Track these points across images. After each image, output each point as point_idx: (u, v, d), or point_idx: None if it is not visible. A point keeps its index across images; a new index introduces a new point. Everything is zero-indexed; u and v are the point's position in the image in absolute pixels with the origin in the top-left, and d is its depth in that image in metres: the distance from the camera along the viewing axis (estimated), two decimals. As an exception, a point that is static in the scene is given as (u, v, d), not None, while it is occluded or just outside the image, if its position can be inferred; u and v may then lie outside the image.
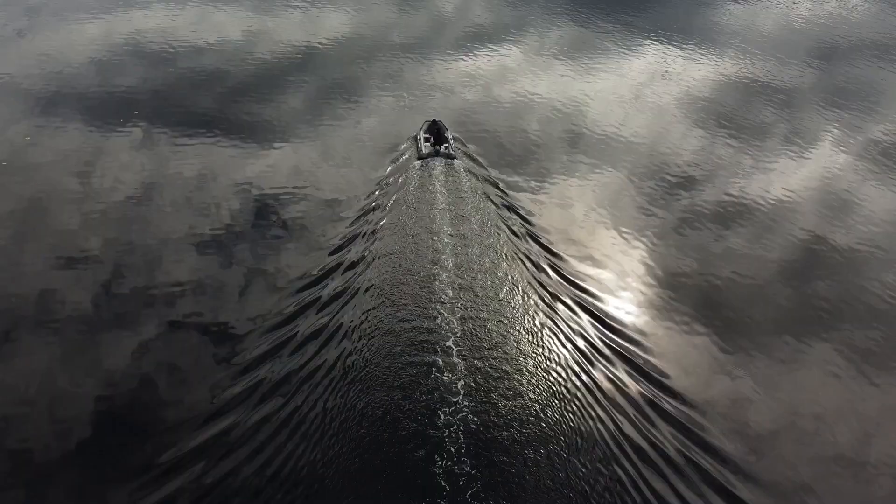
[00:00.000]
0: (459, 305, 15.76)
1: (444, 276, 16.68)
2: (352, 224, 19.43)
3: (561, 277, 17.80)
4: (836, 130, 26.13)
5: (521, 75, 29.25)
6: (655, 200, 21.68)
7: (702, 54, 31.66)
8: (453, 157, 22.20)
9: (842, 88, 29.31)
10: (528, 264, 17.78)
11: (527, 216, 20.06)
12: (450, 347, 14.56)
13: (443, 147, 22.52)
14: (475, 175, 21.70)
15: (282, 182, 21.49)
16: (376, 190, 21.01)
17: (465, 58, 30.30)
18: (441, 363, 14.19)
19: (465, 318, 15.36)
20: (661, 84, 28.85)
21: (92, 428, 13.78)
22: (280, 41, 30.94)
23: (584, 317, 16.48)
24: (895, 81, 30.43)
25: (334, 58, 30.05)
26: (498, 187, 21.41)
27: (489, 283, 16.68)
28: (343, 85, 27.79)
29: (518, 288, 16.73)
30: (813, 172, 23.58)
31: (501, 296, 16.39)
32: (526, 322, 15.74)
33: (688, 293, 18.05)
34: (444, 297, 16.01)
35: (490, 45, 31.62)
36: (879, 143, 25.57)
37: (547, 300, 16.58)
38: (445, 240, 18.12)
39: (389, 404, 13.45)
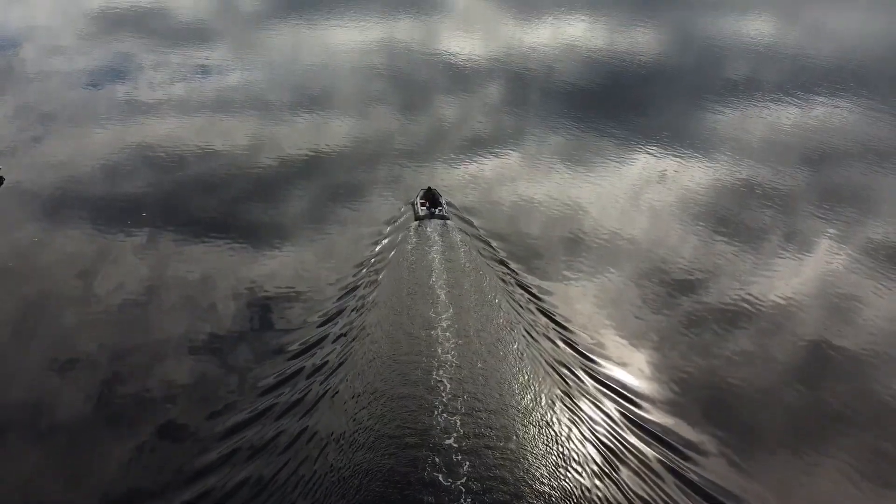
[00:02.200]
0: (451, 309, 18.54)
1: (441, 297, 19.53)
2: (354, 278, 21.25)
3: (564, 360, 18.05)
4: (832, 232, 26.35)
5: (521, 178, 29.83)
6: (657, 302, 21.64)
7: (697, 158, 32.38)
8: (447, 219, 24.93)
9: (834, 191, 29.78)
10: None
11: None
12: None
13: (437, 210, 25.25)
14: (465, 233, 24.32)
15: (283, 280, 21.62)
16: (378, 249, 23.32)
17: (466, 162, 30.97)
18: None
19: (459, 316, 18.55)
20: (657, 187, 29.36)
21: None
22: (284, 147, 31.78)
23: (586, 414, 16.28)
24: (884, 183, 30.94)
25: (336, 162, 30.76)
26: (492, 248, 23.63)
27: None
28: (344, 187, 28.37)
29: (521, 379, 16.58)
30: (812, 274, 23.62)
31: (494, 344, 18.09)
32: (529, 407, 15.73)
33: (695, 396, 17.74)
34: (439, 301, 19.34)
35: (490, 150, 32.39)
36: (876, 244, 25.71)
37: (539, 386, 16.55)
38: (439, 279, 20.89)
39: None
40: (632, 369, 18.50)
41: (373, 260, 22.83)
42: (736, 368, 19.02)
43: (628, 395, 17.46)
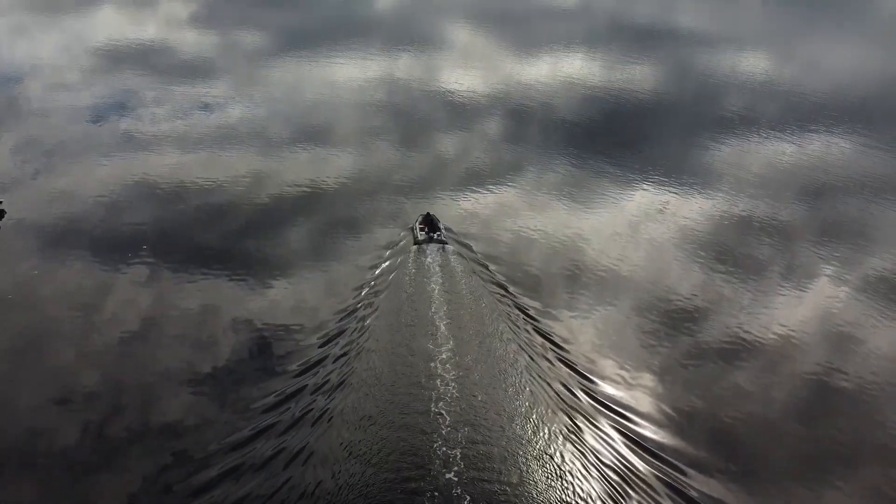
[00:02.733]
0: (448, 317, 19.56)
1: (439, 317, 20.13)
2: (355, 300, 21.82)
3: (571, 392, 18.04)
4: (831, 266, 26.41)
5: (520, 209, 29.97)
6: (657, 334, 21.62)
7: (695, 192, 32.58)
8: (445, 243, 25.66)
9: (832, 225, 29.92)
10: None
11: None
12: None
13: (436, 235, 25.97)
14: (462, 256, 24.96)
15: (282, 312, 21.60)
16: (378, 272, 23.89)
17: (465, 195, 31.13)
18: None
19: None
20: (656, 221, 29.48)
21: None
22: (284, 180, 31.99)
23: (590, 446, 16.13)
24: (881, 217, 31.10)
25: (336, 195, 30.93)
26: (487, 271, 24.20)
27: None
28: (344, 219, 28.55)
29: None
30: (812, 308, 23.62)
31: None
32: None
33: (697, 429, 17.62)
34: (436, 308, 20.12)
35: (489, 184, 32.57)
36: (875, 277, 25.74)
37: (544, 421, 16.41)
38: (437, 294, 21.59)
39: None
40: (633, 402, 18.41)
41: (372, 283, 23.24)
42: (737, 402, 18.92)
43: (630, 428, 17.33)
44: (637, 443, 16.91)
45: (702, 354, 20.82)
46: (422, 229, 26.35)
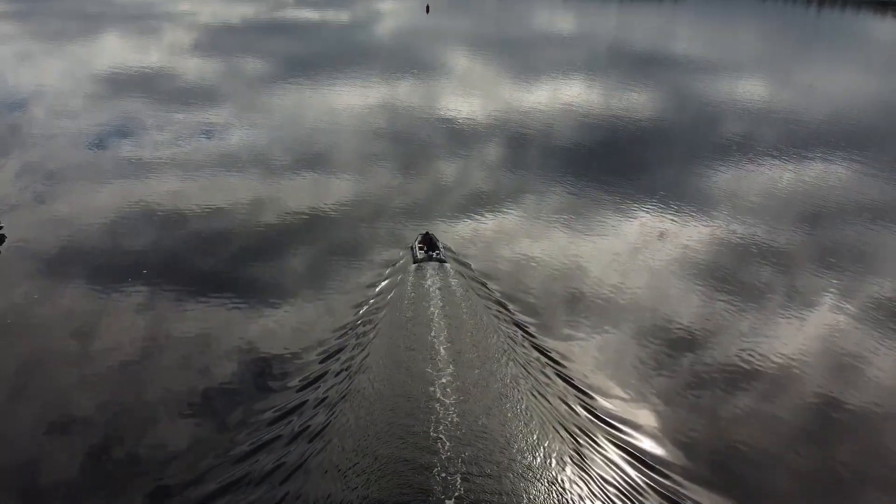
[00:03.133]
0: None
1: (440, 337, 20.13)
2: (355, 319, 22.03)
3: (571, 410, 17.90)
4: (831, 291, 26.38)
5: (519, 234, 30.01)
6: (659, 359, 21.49)
7: (695, 217, 32.69)
8: (444, 262, 25.82)
9: (832, 249, 29.97)
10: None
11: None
12: None
13: (435, 253, 26.17)
14: (462, 275, 25.24)
15: (281, 337, 21.51)
16: (378, 290, 24.11)
17: (465, 219, 31.20)
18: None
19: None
20: (656, 245, 29.53)
21: None
22: (285, 205, 32.07)
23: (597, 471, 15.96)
24: (882, 241, 31.18)
25: (336, 220, 31.02)
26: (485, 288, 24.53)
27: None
28: (344, 242, 28.57)
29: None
30: (814, 333, 23.54)
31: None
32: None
33: (700, 456, 17.43)
34: (434, 323, 20.49)
35: (489, 208, 32.67)
36: (877, 302, 25.72)
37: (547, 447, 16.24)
38: (436, 311, 21.71)
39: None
40: (634, 426, 18.23)
41: (372, 300, 23.42)
42: (741, 429, 18.76)
43: (634, 455, 17.16)
44: (639, 468, 16.76)
45: (702, 381, 20.69)
46: (421, 248, 26.74)
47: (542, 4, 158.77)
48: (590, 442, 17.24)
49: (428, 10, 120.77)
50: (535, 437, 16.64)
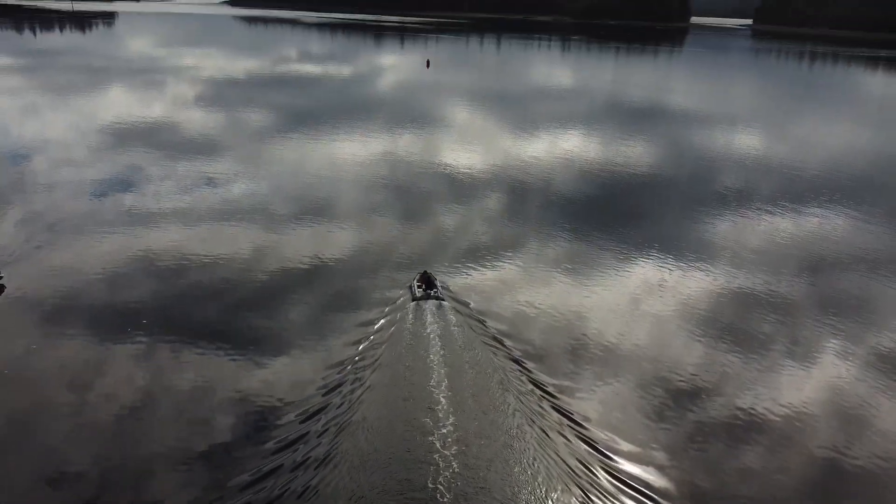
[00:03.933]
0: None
1: (437, 362, 20.66)
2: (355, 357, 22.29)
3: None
4: (835, 341, 26.24)
5: (519, 283, 29.98)
6: (661, 411, 21.22)
7: (694, 268, 32.74)
8: (442, 300, 25.96)
9: (833, 299, 29.95)
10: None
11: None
12: None
13: (433, 292, 26.37)
14: (459, 312, 25.53)
15: (279, 387, 21.27)
16: (377, 327, 24.51)
17: (464, 268, 31.22)
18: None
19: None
20: (656, 296, 29.49)
21: None
22: (285, 256, 32.10)
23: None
24: (880, 292, 31.21)
25: (337, 269, 31.03)
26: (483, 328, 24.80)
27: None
28: (344, 290, 28.54)
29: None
30: (816, 385, 23.30)
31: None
32: None
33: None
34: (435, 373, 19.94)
35: (488, 258, 32.69)
36: (879, 354, 25.55)
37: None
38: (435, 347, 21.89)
39: None
40: (645, 486, 17.86)
41: (372, 336, 23.71)
42: (746, 484, 18.40)
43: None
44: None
45: (705, 433, 20.38)
46: (419, 287, 27.10)
47: (541, 59, 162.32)
48: (591, 484, 16.90)
49: (428, 65, 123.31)
50: (541, 486, 16.32)
